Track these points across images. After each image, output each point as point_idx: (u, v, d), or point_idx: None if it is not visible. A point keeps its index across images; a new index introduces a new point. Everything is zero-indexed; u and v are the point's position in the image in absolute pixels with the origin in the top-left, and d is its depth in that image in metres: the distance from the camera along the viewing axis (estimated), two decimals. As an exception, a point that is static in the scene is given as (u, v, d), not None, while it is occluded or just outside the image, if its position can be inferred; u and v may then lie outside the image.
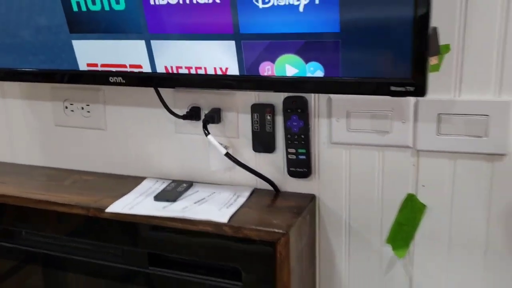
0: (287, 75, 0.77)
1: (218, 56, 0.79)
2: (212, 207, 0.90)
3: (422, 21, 0.66)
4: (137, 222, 0.91)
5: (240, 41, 0.77)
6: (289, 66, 0.76)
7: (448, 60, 0.80)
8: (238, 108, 0.96)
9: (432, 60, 0.70)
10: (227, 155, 0.92)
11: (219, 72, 0.81)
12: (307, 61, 0.75)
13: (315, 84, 0.76)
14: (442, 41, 0.79)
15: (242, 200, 0.93)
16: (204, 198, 0.95)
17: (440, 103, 0.82)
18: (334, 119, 0.90)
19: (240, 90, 0.89)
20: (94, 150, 1.13)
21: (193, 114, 0.98)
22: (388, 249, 0.91)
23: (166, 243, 0.91)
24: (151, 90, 0.99)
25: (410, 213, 0.88)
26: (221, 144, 0.93)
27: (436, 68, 0.80)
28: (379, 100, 0.85)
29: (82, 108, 1.12)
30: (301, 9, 0.71)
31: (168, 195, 0.96)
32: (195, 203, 0.93)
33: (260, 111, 0.94)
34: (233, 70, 0.80)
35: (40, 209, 0.99)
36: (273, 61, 0.77)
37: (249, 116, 0.95)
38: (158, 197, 0.96)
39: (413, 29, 0.66)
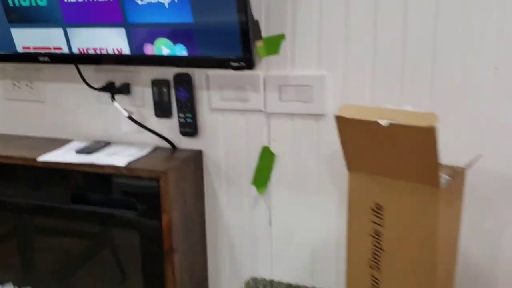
0: (163, 54, 1.06)
1: (114, 40, 1.08)
2: (118, 157, 1.18)
3: (243, 19, 0.95)
4: (61, 168, 1.18)
5: (128, 28, 1.05)
6: (163, 47, 1.05)
7: (284, 46, 1.09)
8: (143, 83, 1.24)
9: (258, 44, 0.99)
10: (130, 118, 1.21)
11: (116, 52, 1.10)
12: (175, 43, 1.04)
13: (181, 60, 1.04)
14: (279, 31, 1.08)
15: (143, 153, 1.21)
16: (115, 152, 1.23)
17: (280, 77, 1.11)
18: (212, 91, 1.18)
19: (130, 65, 1.18)
20: (36, 119, 1.40)
21: (108, 87, 1.26)
22: (253, 188, 1.21)
23: (84, 184, 1.19)
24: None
25: (266, 161, 1.17)
26: (125, 109, 1.21)
27: (275, 51, 1.09)
28: (240, 76, 1.14)
29: (27, 85, 1.39)
30: (166, 5, 0.99)
31: (87, 149, 1.24)
32: (106, 155, 1.21)
33: (158, 85, 1.22)
34: (126, 50, 1.08)
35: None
36: (152, 43, 1.05)
37: (150, 89, 1.24)
38: (80, 151, 1.23)
39: (239, 24, 0.95)
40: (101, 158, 1.18)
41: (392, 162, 0.80)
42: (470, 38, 0.96)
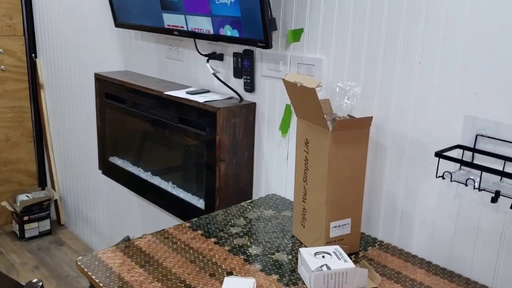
0: (228, 34, 1.70)
1: (205, 24, 1.77)
2: (204, 98, 1.89)
3: (263, 17, 1.52)
4: (175, 100, 1.96)
5: (212, 17, 1.73)
6: (228, 30, 1.70)
7: (302, 36, 1.61)
8: (230, 54, 1.91)
9: (288, 33, 1.54)
10: (214, 75, 1.90)
11: (206, 32, 1.79)
12: (233, 28, 1.67)
13: (234, 39, 1.67)
14: (299, 26, 1.61)
15: (219, 97, 1.90)
16: (206, 96, 1.95)
17: (298, 57, 1.64)
18: (263, 63, 1.78)
19: (212, 40, 1.85)
20: (177, 71, 2.22)
21: (211, 55, 1.97)
22: (279, 132, 1.77)
23: (185, 111, 1.94)
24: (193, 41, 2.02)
25: (287, 114, 1.72)
26: (214, 69, 1.91)
27: (298, 39, 1.62)
28: (277, 55, 1.70)
29: (176, 49, 2.21)
30: (228, 4, 1.63)
31: (193, 92, 1.99)
32: (200, 96, 1.93)
33: (235, 56, 1.88)
34: (211, 31, 1.77)
35: (138, 90, 2.13)
36: (223, 27, 1.71)
37: (232, 58, 1.90)
38: (188, 92, 1.99)
39: (261, 20, 1.53)
40: (196, 97, 1.91)
41: (308, 111, 1.30)
42: (402, 40, 1.33)
